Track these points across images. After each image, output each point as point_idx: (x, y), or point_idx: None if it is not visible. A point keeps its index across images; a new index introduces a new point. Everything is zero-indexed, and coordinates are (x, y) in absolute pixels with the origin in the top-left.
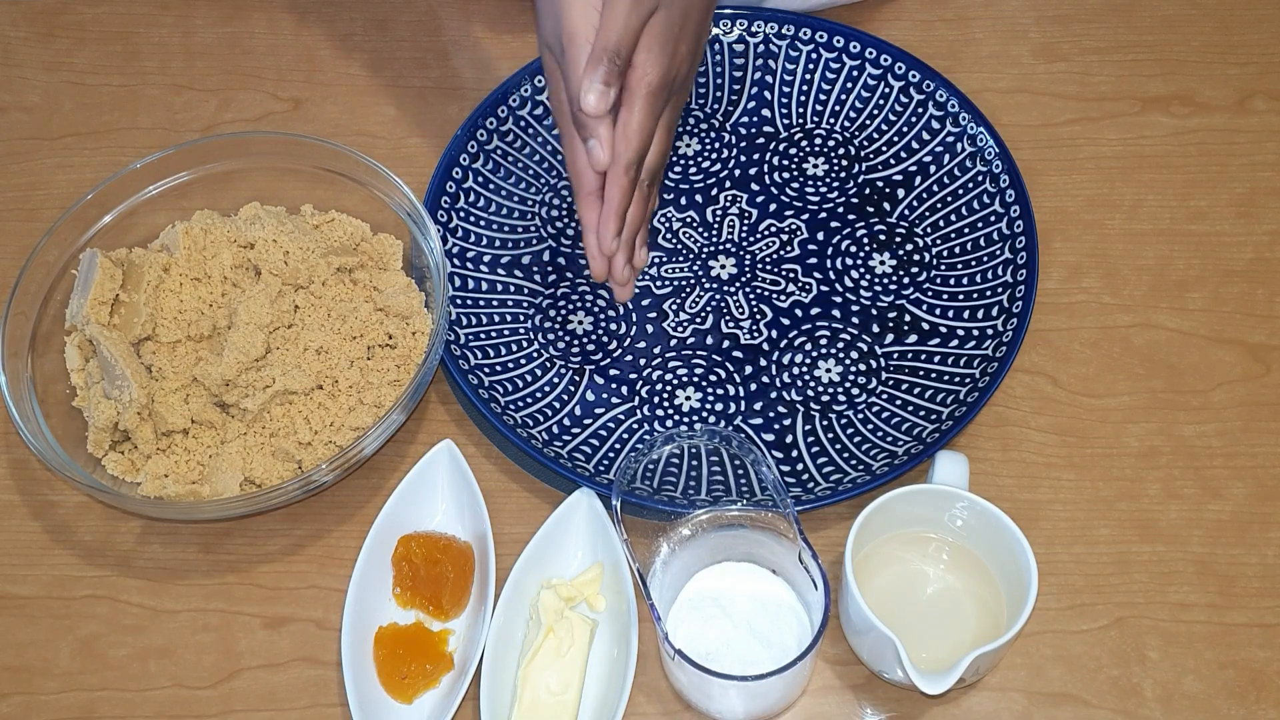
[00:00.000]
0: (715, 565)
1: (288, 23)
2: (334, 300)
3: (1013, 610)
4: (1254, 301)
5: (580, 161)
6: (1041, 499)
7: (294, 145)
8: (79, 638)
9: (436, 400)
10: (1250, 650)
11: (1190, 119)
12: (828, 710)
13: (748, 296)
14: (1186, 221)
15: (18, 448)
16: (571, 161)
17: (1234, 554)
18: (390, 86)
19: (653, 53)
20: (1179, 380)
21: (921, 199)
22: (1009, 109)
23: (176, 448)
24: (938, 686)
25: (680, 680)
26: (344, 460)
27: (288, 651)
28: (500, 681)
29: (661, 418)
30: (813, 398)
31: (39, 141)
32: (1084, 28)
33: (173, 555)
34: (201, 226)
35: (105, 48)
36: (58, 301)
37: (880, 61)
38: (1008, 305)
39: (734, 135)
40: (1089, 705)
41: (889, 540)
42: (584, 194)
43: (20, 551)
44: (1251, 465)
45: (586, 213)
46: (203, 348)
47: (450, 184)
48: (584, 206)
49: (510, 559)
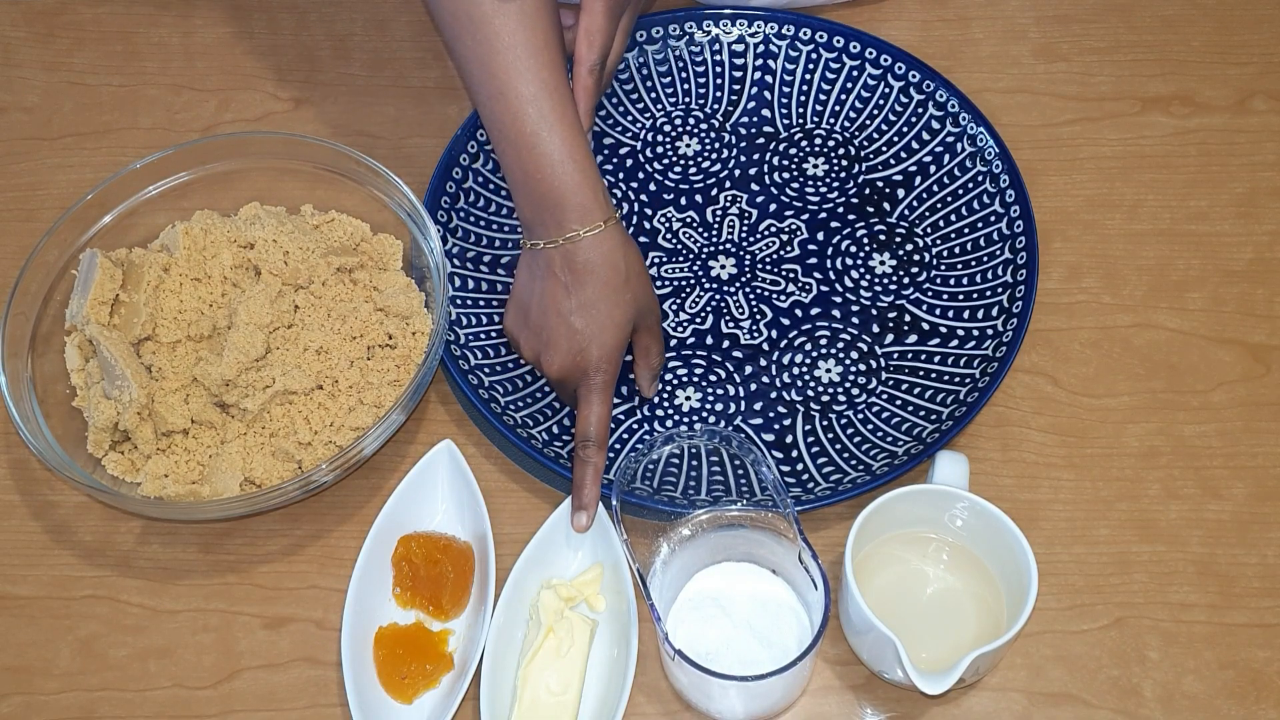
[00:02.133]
0: (715, 565)
1: (288, 23)
2: (334, 300)
3: (1013, 610)
4: (1254, 301)
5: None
6: (1041, 499)
7: (294, 145)
8: (79, 638)
9: (436, 400)
10: (1250, 650)
11: (1190, 119)
12: (828, 710)
13: (748, 296)
14: (1186, 221)
15: (18, 448)
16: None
17: (1234, 554)
18: (390, 86)
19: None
20: (1179, 380)
21: (921, 199)
22: (1009, 109)
23: (176, 448)
24: (938, 686)
25: (680, 680)
26: (344, 460)
27: (288, 651)
28: (500, 681)
29: (661, 418)
30: (813, 398)
31: (39, 141)
32: (1084, 28)
33: (173, 555)
34: (201, 226)
35: (105, 48)
36: (58, 301)
37: (880, 61)
38: (1008, 305)
39: (734, 135)
40: (1089, 705)
41: (889, 540)
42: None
43: (20, 551)
44: (1251, 465)
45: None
46: (203, 348)
47: (450, 184)
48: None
49: (510, 559)
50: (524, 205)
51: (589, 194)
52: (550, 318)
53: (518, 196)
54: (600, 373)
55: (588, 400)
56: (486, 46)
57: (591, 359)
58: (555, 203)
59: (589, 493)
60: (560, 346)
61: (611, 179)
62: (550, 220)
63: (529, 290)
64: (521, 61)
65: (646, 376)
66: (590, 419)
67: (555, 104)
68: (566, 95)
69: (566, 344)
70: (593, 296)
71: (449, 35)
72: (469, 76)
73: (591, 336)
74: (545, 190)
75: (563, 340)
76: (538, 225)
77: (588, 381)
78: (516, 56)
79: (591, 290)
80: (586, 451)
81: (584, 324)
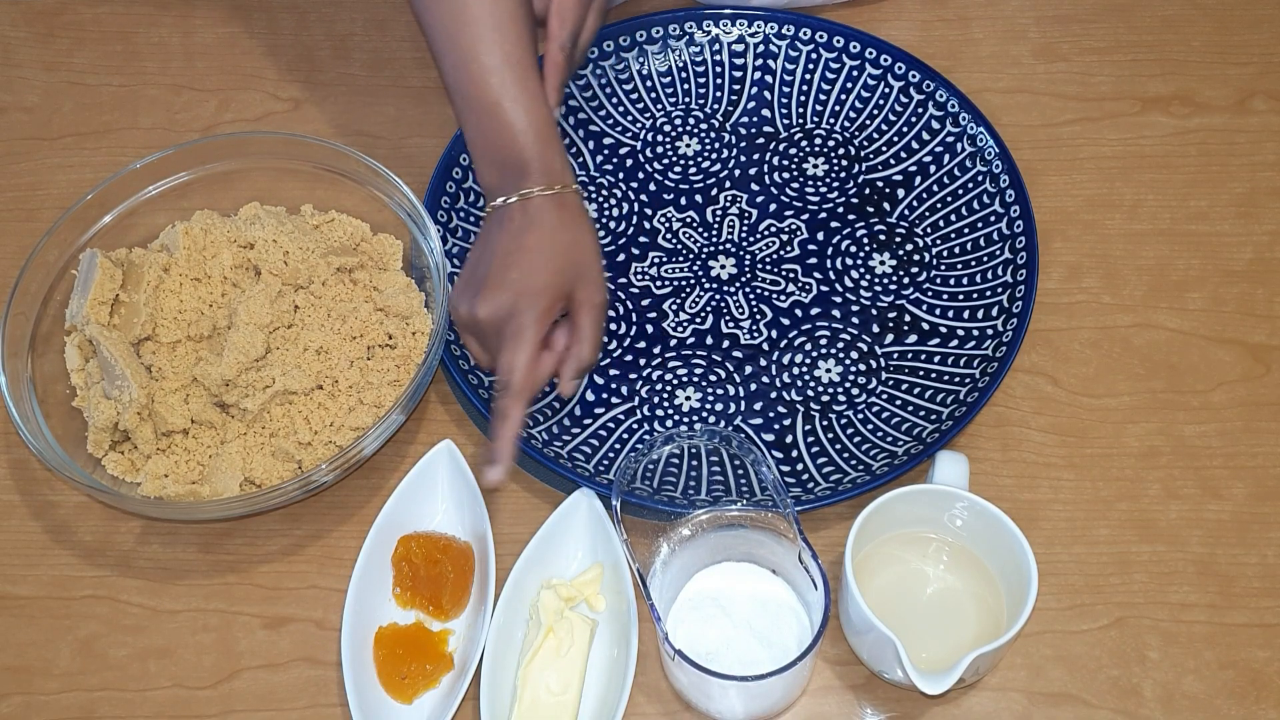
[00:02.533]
0: (715, 565)
1: (288, 23)
2: (334, 300)
3: (1013, 610)
4: (1254, 301)
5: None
6: (1041, 499)
7: (294, 145)
8: (79, 638)
9: (436, 400)
10: (1250, 650)
11: (1190, 119)
12: (828, 710)
13: (747, 296)
14: (1186, 221)
15: (18, 448)
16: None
17: (1234, 554)
18: (390, 86)
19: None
20: (1179, 380)
21: (921, 199)
22: (1009, 109)
23: (176, 448)
24: (938, 686)
25: (680, 680)
26: (344, 460)
27: (288, 651)
28: (500, 681)
29: (661, 418)
30: (813, 398)
31: (39, 141)
32: (1084, 28)
33: (173, 555)
34: (201, 226)
35: (105, 48)
36: (58, 301)
37: (880, 61)
38: (1008, 305)
39: (734, 135)
40: (1089, 705)
41: (889, 540)
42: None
43: (20, 551)
44: (1251, 465)
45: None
46: (203, 348)
47: (450, 184)
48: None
49: (510, 559)
50: (486, 170)
51: (550, 159)
52: (491, 261)
53: (479, 164)
54: (525, 312)
55: (510, 344)
56: (453, 18)
57: (520, 300)
58: (516, 166)
59: (503, 444)
60: (491, 283)
61: (611, 179)
62: (510, 182)
63: (478, 252)
64: (488, 34)
65: (570, 367)
66: (511, 365)
67: (518, 75)
68: (531, 69)
69: (497, 280)
70: (534, 242)
71: (418, 4)
72: (434, 44)
73: (523, 276)
74: (506, 155)
75: (495, 277)
76: (497, 188)
77: (510, 324)
78: (483, 28)
79: (534, 236)
80: (505, 400)
81: (518, 264)
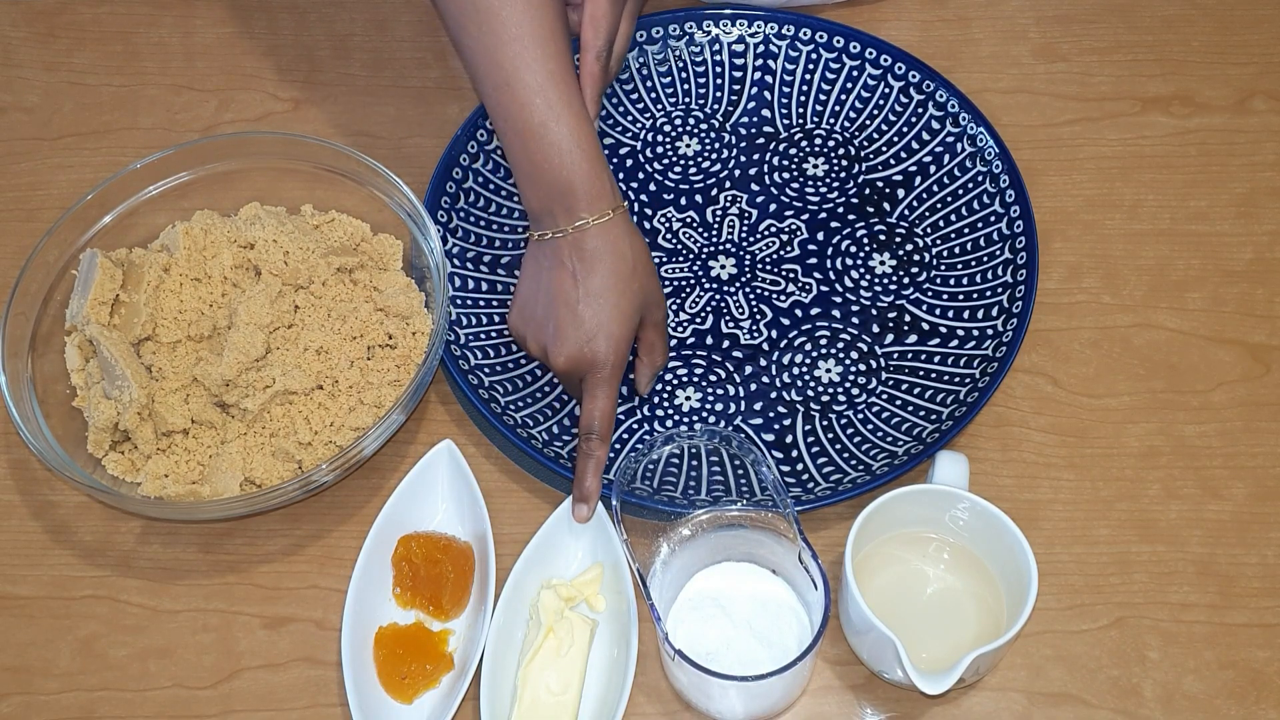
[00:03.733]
0: (715, 565)
1: (288, 23)
2: (334, 300)
3: (1013, 610)
4: (1254, 301)
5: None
6: (1041, 499)
7: (294, 145)
8: (79, 638)
9: (436, 400)
10: (1250, 650)
11: (1190, 119)
12: (828, 710)
13: (747, 296)
14: (1186, 221)
15: (18, 448)
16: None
17: (1234, 554)
18: (390, 86)
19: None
20: (1179, 380)
21: (921, 199)
22: (1009, 109)
23: (176, 448)
24: (938, 686)
25: (680, 680)
26: (344, 460)
27: (288, 651)
28: (500, 681)
29: (661, 418)
30: (813, 398)
31: (39, 141)
32: (1084, 28)
33: (173, 555)
34: (201, 226)
35: (105, 48)
36: (58, 301)
37: (880, 61)
38: (1008, 305)
39: (734, 135)
40: (1089, 705)
41: (889, 540)
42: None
43: (20, 551)
44: (1251, 465)
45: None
46: (203, 348)
47: (450, 184)
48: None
49: (510, 559)
50: (532, 196)
51: (598, 182)
52: (558, 308)
53: (525, 187)
54: (608, 365)
55: (593, 393)
56: (493, 37)
57: (599, 350)
58: (564, 191)
59: (590, 485)
60: (568, 337)
61: None
62: (559, 209)
63: (535, 283)
64: (528, 51)
65: (646, 374)
66: (595, 412)
67: (562, 93)
68: (573, 84)
69: (574, 334)
70: (600, 286)
71: (454, 26)
72: (474, 67)
73: (599, 326)
74: (554, 179)
75: (570, 330)
76: (546, 215)
77: (594, 374)
78: (524, 46)
79: (599, 279)
80: (590, 444)
81: (592, 314)
